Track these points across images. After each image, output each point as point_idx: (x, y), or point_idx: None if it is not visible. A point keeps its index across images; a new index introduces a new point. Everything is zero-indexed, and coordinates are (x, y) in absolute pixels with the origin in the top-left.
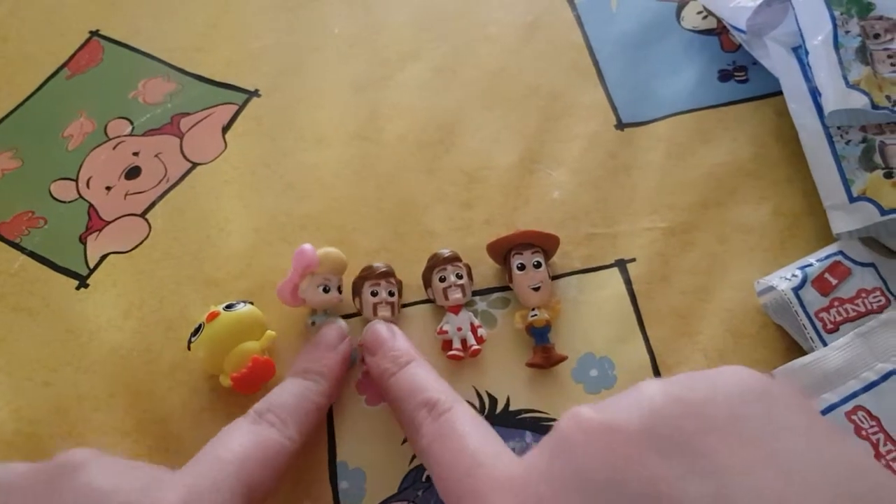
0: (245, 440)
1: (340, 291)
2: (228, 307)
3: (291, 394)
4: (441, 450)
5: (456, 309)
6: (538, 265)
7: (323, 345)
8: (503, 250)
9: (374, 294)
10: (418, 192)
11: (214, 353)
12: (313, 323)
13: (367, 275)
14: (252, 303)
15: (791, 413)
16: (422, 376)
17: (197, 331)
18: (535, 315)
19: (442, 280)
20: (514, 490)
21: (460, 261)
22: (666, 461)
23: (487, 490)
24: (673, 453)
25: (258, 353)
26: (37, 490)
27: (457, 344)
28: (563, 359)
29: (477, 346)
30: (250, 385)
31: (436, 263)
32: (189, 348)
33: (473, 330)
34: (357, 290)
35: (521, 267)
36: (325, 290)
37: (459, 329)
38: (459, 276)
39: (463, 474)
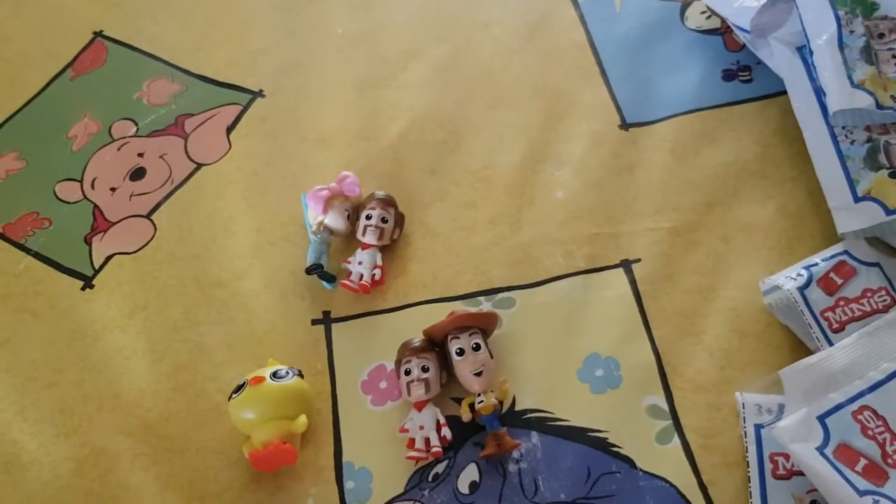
0: None
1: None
2: (275, 375)
3: None
4: None
5: (420, 405)
6: (477, 347)
7: None
8: (439, 337)
9: (367, 218)
10: (421, 191)
11: (246, 420)
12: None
13: (368, 199)
14: (301, 372)
15: None
16: None
17: (239, 388)
18: (482, 402)
19: (407, 373)
20: None
21: (428, 351)
22: None
23: None
24: None
25: (281, 439)
26: None
27: (419, 444)
28: (515, 445)
29: (438, 448)
30: (266, 466)
31: (402, 355)
32: (229, 401)
33: (438, 428)
34: (357, 213)
35: (461, 352)
36: (347, 218)
37: (422, 427)
38: (425, 370)
39: None
